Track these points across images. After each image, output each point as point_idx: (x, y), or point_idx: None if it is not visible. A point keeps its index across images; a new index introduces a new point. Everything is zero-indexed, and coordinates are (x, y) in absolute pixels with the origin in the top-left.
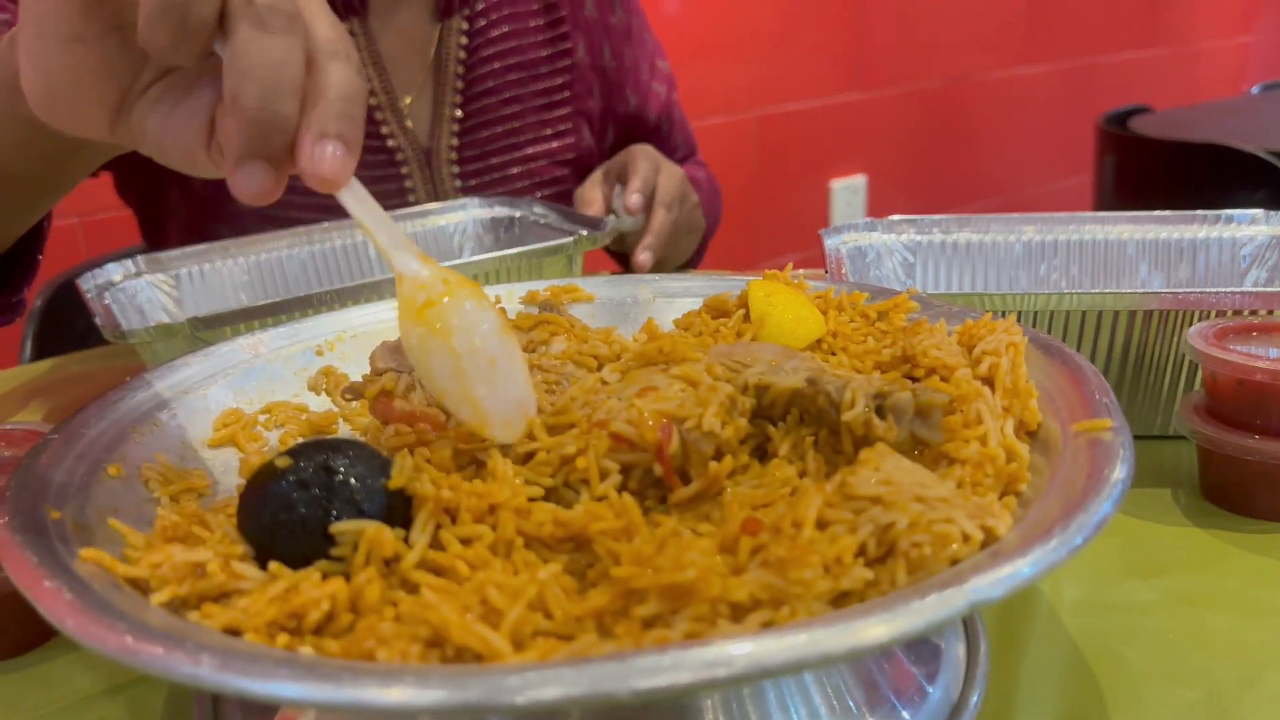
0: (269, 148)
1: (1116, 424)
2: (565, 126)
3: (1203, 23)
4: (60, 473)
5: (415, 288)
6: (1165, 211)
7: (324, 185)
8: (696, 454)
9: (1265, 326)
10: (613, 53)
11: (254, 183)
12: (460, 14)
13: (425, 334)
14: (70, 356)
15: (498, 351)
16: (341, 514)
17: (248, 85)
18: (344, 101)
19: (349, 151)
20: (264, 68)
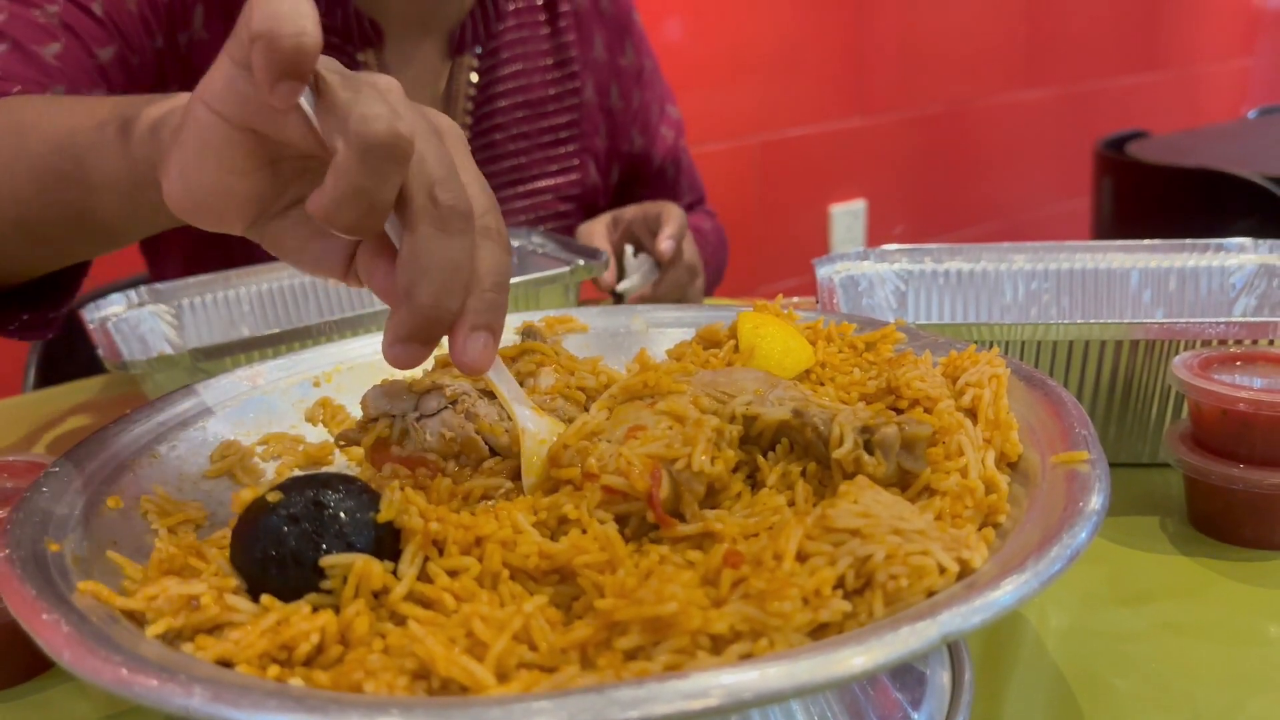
0: (431, 336)
1: (1094, 456)
2: (572, 163)
3: (1202, 47)
4: (61, 505)
5: (537, 443)
6: (1156, 240)
7: (471, 371)
8: (688, 493)
9: (1249, 356)
10: (621, 93)
11: (410, 359)
12: (472, 51)
13: (545, 485)
14: (72, 385)
15: None
16: (331, 547)
17: (425, 283)
18: (495, 291)
19: (495, 338)
20: (443, 270)
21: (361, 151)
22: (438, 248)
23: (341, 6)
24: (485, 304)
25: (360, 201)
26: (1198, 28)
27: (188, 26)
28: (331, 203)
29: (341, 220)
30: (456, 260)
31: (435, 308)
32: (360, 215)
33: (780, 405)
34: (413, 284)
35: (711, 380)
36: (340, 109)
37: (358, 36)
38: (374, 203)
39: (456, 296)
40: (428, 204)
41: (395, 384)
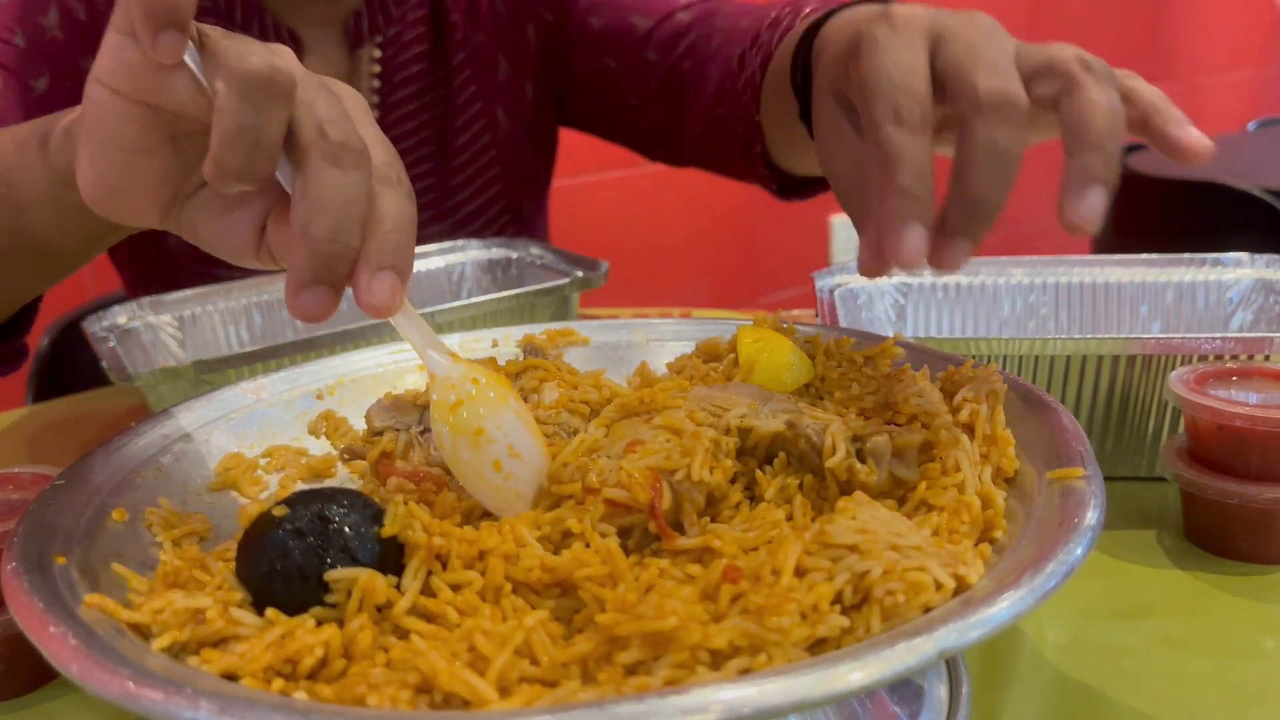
0: (333, 275)
1: (1090, 471)
2: (486, 138)
3: (1203, 58)
4: (67, 518)
5: (446, 388)
6: (1153, 255)
7: (376, 313)
8: (689, 503)
9: (1245, 371)
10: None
11: (315, 306)
12: (372, 42)
13: (455, 432)
14: (75, 397)
15: (519, 438)
16: (336, 562)
17: (320, 218)
18: (398, 232)
19: (401, 281)
20: (336, 203)
21: (239, 86)
22: (329, 181)
23: (259, 19)
24: (389, 244)
25: (244, 140)
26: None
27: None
28: (217, 147)
29: (229, 163)
30: (350, 194)
31: (332, 243)
32: (246, 155)
33: (774, 417)
34: (307, 221)
35: (707, 395)
36: (219, 54)
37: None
38: (259, 140)
39: (354, 232)
40: (318, 139)
41: (400, 398)
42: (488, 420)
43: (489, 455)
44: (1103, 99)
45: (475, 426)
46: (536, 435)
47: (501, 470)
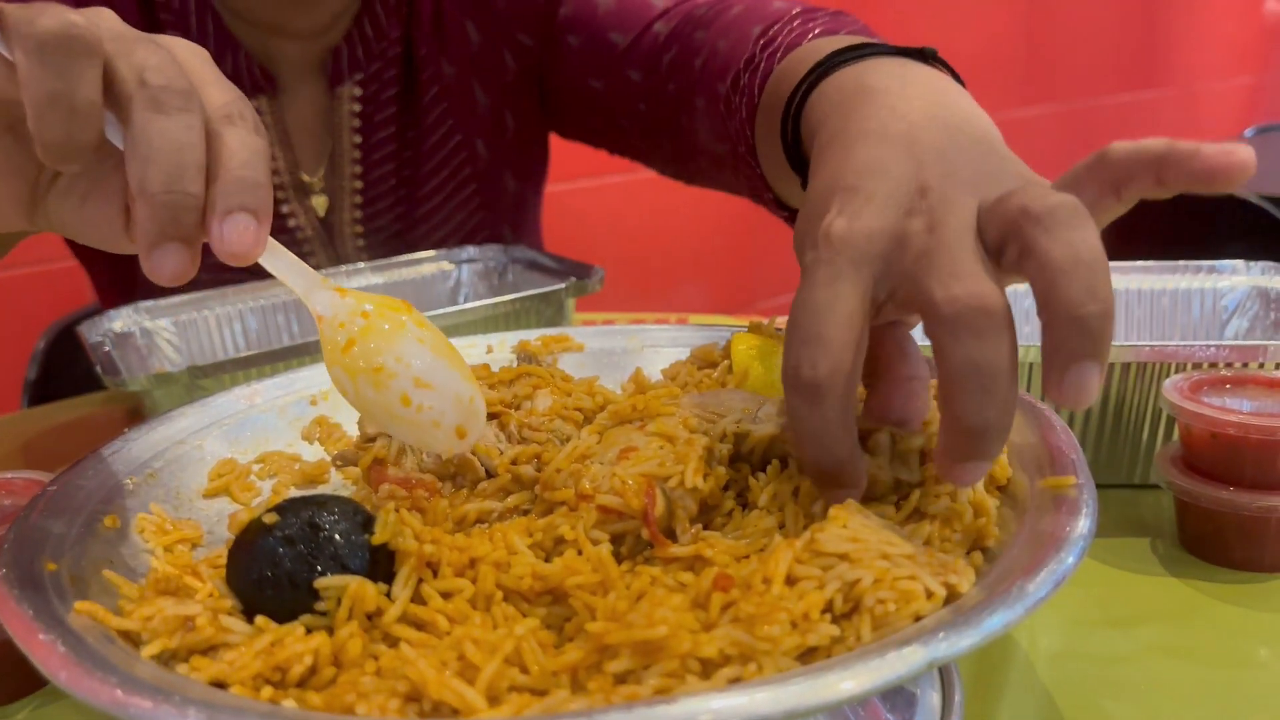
0: (181, 229)
1: (1082, 480)
2: (465, 172)
3: (1201, 65)
4: (58, 524)
5: (334, 328)
6: (1149, 261)
7: (237, 259)
8: (681, 509)
9: (1238, 379)
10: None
11: (170, 264)
12: (352, 79)
13: (351, 373)
14: (69, 401)
15: (424, 365)
16: (326, 569)
17: (152, 170)
18: (245, 168)
19: (259, 221)
20: (166, 151)
21: (36, 51)
22: (155, 129)
23: (233, 53)
24: (236, 184)
25: (59, 107)
26: (1197, 46)
27: None
28: (33, 121)
29: (53, 136)
30: (179, 139)
31: (169, 193)
32: (64, 123)
33: (768, 421)
34: (141, 175)
35: (700, 401)
36: (11, 25)
37: (249, 84)
38: (74, 104)
39: (190, 178)
40: (137, 89)
41: None
42: (385, 354)
43: (394, 390)
44: (1060, 252)
45: (373, 364)
46: (448, 355)
47: (411, 404)
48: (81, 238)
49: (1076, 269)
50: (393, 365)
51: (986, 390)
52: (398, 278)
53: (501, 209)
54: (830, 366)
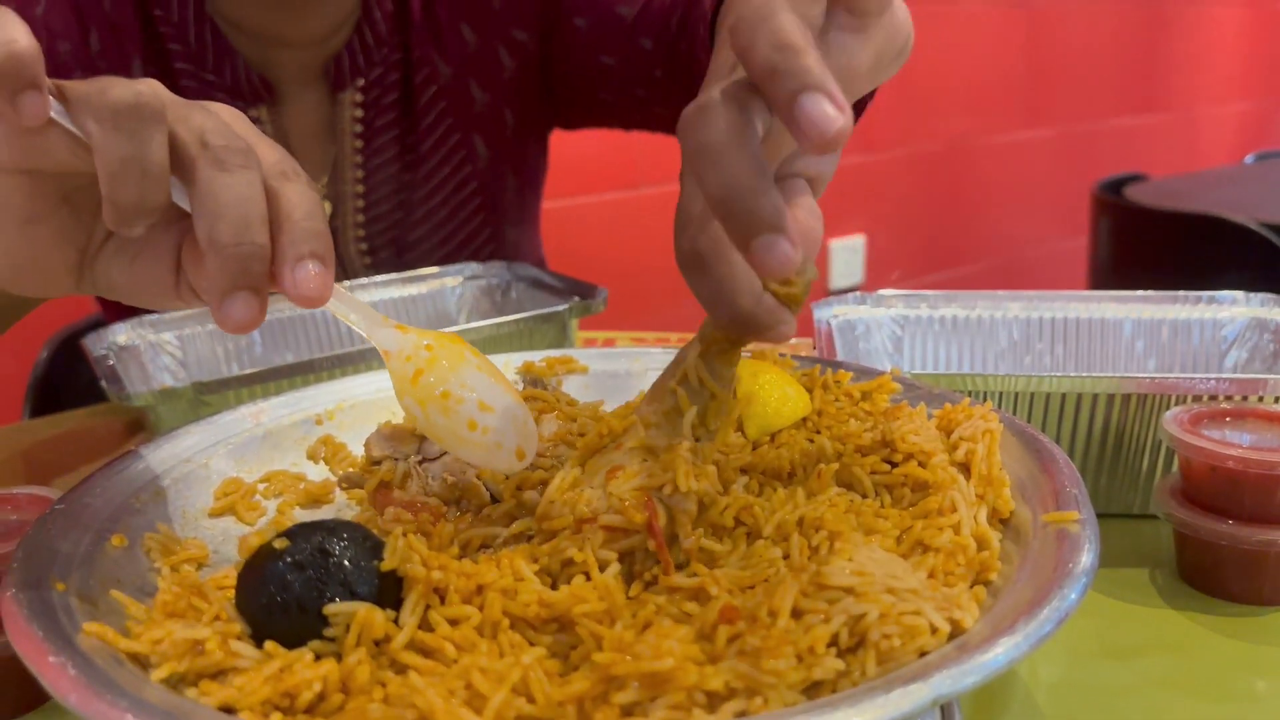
0: (250, 278)
1: (1084, 515)
2: (466, 170)
3: (1201, 89)
4: (66, 543)
5: (401, 362)
6: (1149, 291)
7: (310, 303)
8: (682, 514)
9: (1238, 412)
10: (525, 43)
11: (240, 312)
12: (354, 85)
13: (422, 401)
14: (71, 413)
15: (485, 389)
16: (335, 595)
17: (221, 224)
18: (309, 219)
19: (325, 266)
20: (233, 205)
21: (110, 119)
22: (221, 186)
23: (231, 63)
24: (302, 233)
25: (131, 170)
26: (1198, 70)
27: None
28: (106, 185)
29: (123, 198)
30: (244, 193)
31: (239, 245)
32: (137, 185)
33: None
34: (210, 230)
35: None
36: (82, 98)
37: (248, 93)
38: (145, 167)
39: (258, 230)
40: (200, 150)
41: (398, 428)
42: (451, 381)
43: (462, 416)
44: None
45: (441, 390)
46: (502, 382)
47: (477, 428)
48: (129, 298)
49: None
50: (458, 391)
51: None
52: (401, 293)
53: (503, 208)
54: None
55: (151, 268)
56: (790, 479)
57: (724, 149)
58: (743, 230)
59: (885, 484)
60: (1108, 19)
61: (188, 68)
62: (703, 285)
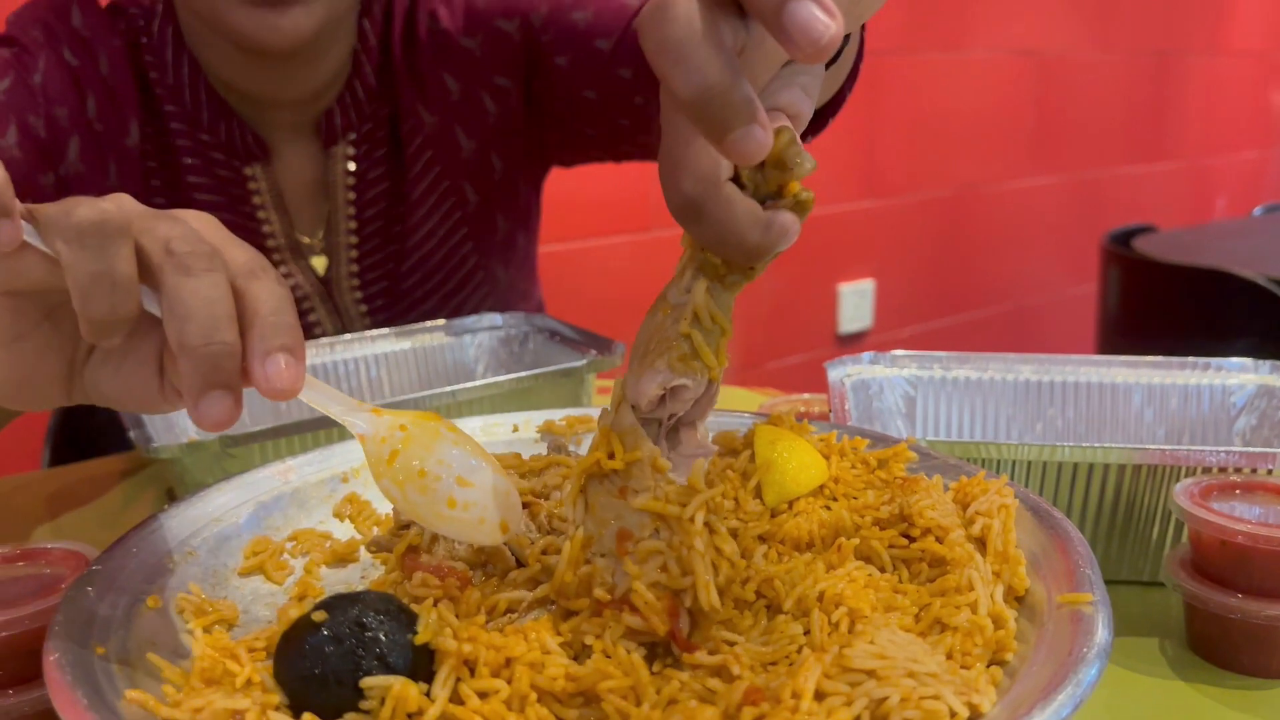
0: (222, 375)
1: (1098, 597)
2: (456, 216)
3: (1208, 138)
4: (104, 605)
5: (377, 444)
6: (1158, 357)
7: (282, 395)
8: (706, 621)
9: (1248, 485)
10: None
11: (216, 410)
12: (345, 139)
13: (399, 483)
14: (95, 462)
15: (463, 465)
16: (371, 668)
17: (190, 326)
18: (276, 314)
19: (296, 359)
20: (199, 307)
21: (76, 238)
22: (188, 290)
23: (226, 122)
24: (270, 328)
25: (100, 284)
26: (1205, 119)
27: (63, 159)
28: (78, 301)
29: (98, 311)
30: (209, 295)
31: (209, 345)
32: (108, 298)
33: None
34: (180, 333)
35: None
36: (49, 220)
37: (242, 151)
38: (114, 280)
39: (226, 329)
40: (166, 258)
41: None
42: (427, 459)
43: (440, 493)
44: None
45: (417, 469)
46: (482, 456)
47: (457, 504)
48: (119, 404)
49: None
50: (435, 468)
51: None
52: (420, 343)
53: (493, 250)
54: None
55: (136, 373)
56: (809, 548)
57: (687, 42)
58: (718, 127)
59: (903, 558)
60: (1116, 67)
61: (183, 127)
62: (706, 230)
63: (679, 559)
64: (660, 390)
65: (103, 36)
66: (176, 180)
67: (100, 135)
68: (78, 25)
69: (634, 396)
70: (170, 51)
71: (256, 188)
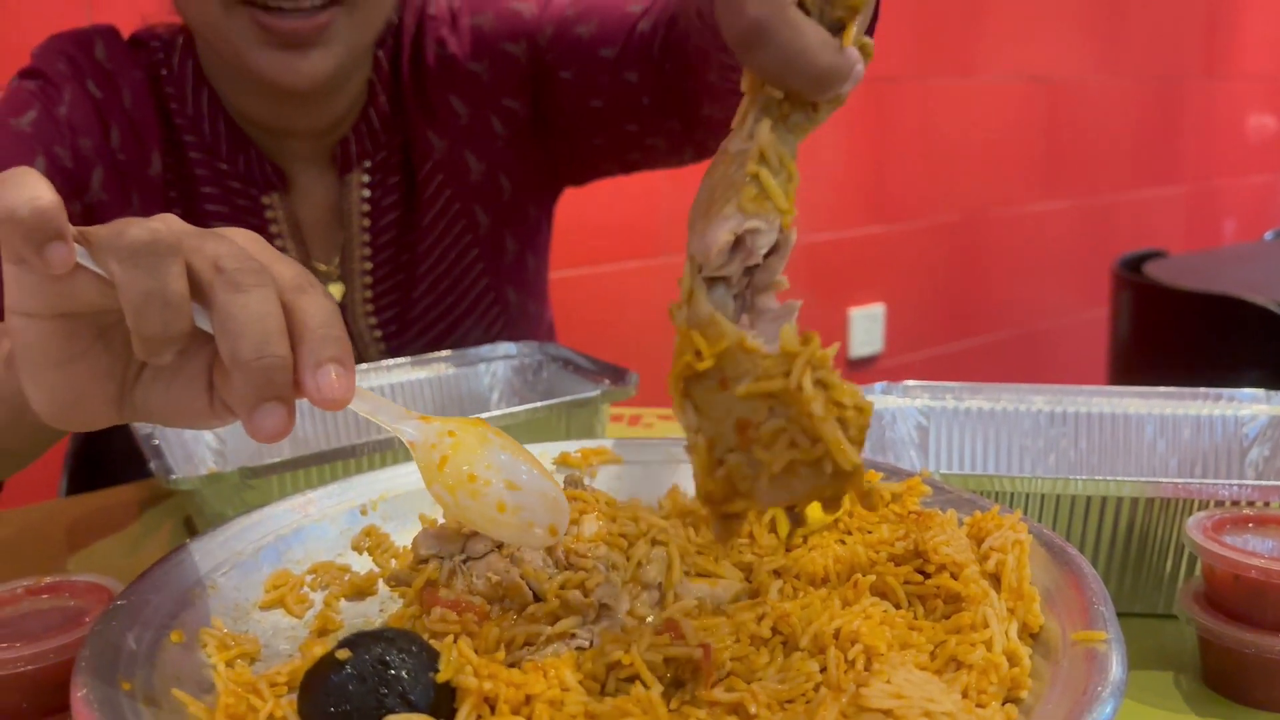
0: (275, 388)
1: (1111, 635)
2: (466, 238)
3: (1218, 162)
4: (129, 640)
5: (426, 450)
6: (1170, 388)
7: (334, 405)
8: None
9: (1261, 518)
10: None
11: (272, 422)
12: (360, 166)
13: (450, 488)
14: (111, 491)
15: (511, 469)
16: (394, 706)
17: (242, 342)
18: (326, 327)
19: (346, 369)
20: (250, 322)
21: (129, 257)
22: (238, 305)
23: (244, 152)
24: (320, 340)
25: (153, 302)
26: (1215, 143)
27: (87, 189)
28: (132, 319)
29: (152, 329)
30: (260, 310)
31: (261, 358)
32: (160, 316)
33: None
34: (233, 348)
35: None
36: (102, 242)
37: (260, 181)
38: (166, 298)
39: (278, 342)
40: (215, 274)
41: (445, 527)
42: (477, 464)
43: (490, 498)
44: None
45: (467, 474)
46: (529, 461)
47: (507, 508)
48: (168, 421)
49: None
50: (484, 473)
51: None
52: (435, 373)
53: (502, 270)
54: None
55: (186, 390)
56: (824, 583)
57: None
58: None
59: (918, 594)
60: (1126, 92)
61: (202, 157)
62: (771, 55)
63: (803, 429)
64: (731, 235)
65: (125, 69)
66: (195, 209)
67: (123, 165)
68: (101, 58)
69: (702, 250)
70: (190, 84)
71: (274, 216)
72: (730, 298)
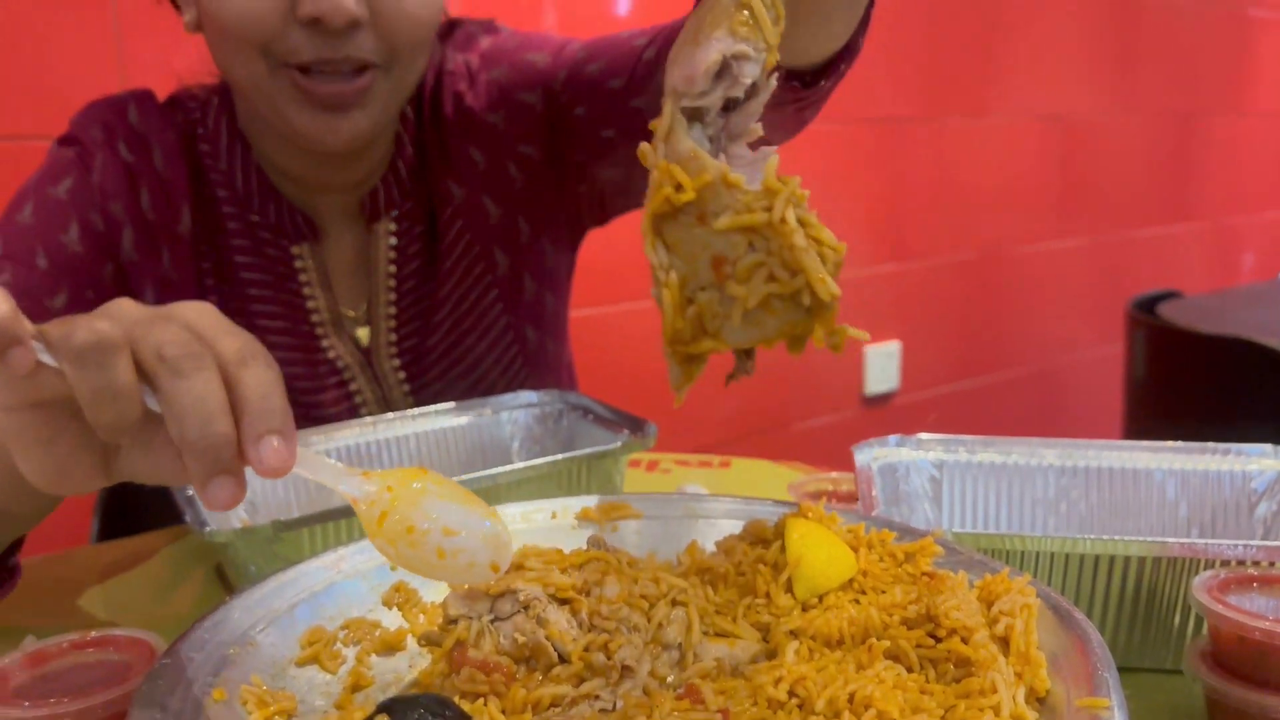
0: (222, 463)
1: (1115, 702)
2: (486, 280)
3: (1233, 199)
4: (174, 699)
5: (367, 506)
6: (1180, 442)
7: (275, 474)
8: (825, 311)
9: (1267, 578)
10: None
11: (221, 494)
12: (388, 216)
13: (391, 541)
14: (141, 538)
15: (448, 515)
16: None
17: (186, 424)
18: (265, 400)
19: (285, 440)
20: (192, 406)
21: (75, 359)
22: (181, 391)
23: (275, 204)
24: (259, 414)
25: (104, 396)
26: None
27: (119, 250)
28: (88, 412)
29: (106, 420)
30: (201, 392)
31: (204, 437)
32: (114, 407)
33: None
34: (179, 431)
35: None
36: (53, 344)
37: (291, 232)
38: (116, 391)
39: (220, 421)
40: (159, 364)
41: (474, 589)
42: (414, 515)
43: (429, 546)
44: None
45: (405, 526)
46: (466, 502)
47: (445, 555)
48: (153, 481)
49: None
50: (421, 523)
51: None
52: (456, 422)
53: (521, 310)
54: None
55: (163, 455)
56: (839, 645)
57: None
58: None
59: (930, 658)
60: (1140, 129)
61: (233, 210)
62: None
63: (783, 262)
64: (719, 56)
65: (157, 131)
66: (225, 260)
67: (153, 224)
68: (134, 122)
69: (686, 76)
70: (224, 140)
71: (303, 265)
72: (706, 139)
